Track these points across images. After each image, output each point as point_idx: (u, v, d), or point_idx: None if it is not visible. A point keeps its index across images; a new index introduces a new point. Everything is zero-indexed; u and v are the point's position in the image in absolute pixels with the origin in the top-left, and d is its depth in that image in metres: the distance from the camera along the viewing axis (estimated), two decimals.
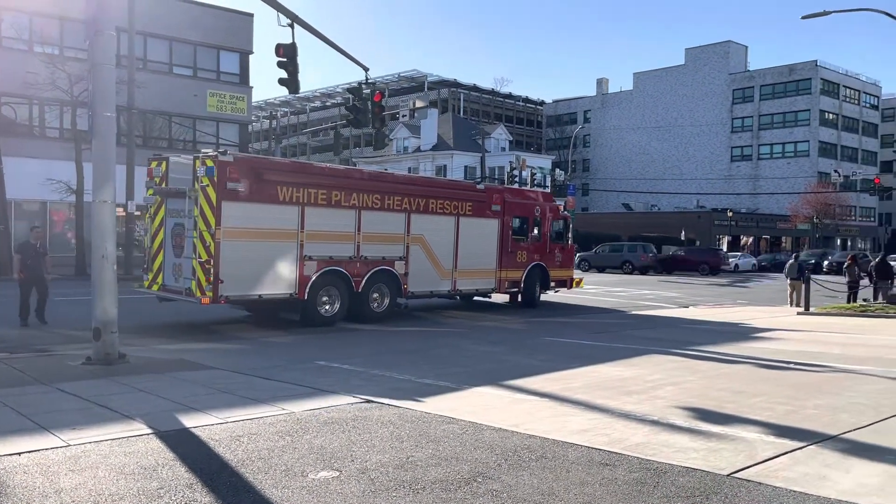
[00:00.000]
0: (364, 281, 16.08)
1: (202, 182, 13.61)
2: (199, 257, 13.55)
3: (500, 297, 21.68)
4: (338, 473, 5.40)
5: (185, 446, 6.09)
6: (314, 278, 15.15)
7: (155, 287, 15.01)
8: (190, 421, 6.90)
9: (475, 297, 20.76)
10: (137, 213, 31.57)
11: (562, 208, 23.04)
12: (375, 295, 16.56)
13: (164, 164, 15.03)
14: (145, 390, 8.32)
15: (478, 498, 4.92)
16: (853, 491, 5.10)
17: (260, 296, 14.46)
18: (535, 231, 20.87)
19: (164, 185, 14.83)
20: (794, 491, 5.09)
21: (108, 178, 10.12)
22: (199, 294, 13.57)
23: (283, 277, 14.70)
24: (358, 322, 15.96)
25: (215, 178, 13.51)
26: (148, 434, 6.42)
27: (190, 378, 9.17)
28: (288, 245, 14.75)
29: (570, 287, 22.71)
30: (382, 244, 16.54)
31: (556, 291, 22.53)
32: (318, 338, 13.90)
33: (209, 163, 13.57)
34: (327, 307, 15.69)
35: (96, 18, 10.07)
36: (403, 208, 17.00)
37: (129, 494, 4.91)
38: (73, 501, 4.77)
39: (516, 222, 20.18)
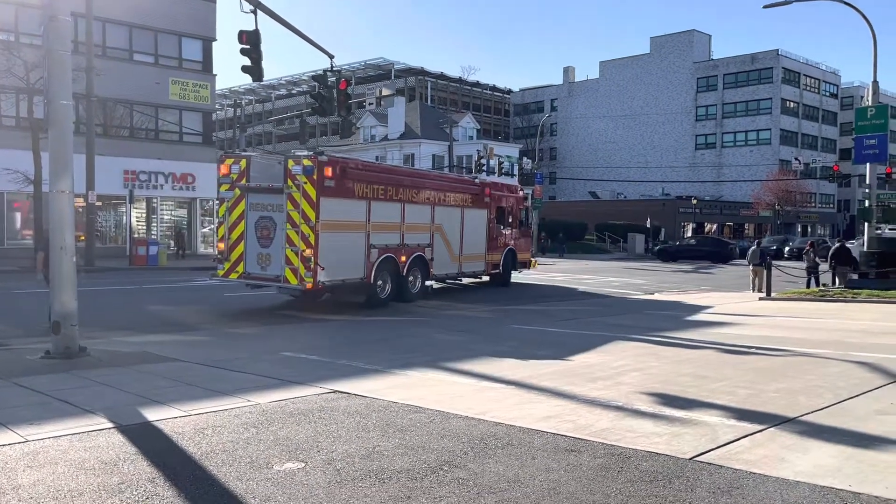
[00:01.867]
0: (407, 266, 18.20)
1: (299, 180, 15.24)
2: (298, 248, 15.17)
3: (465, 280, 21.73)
4: (303, 465, 5.37)
5: (147, 440, 6.00)
6: (377, 264, 17.09)
7: (234, 275, 16.27)
8: (152, 414, 6.80)
9: (460, 280, 22.25)
10: (99, 203, 31.03)
11: (525, 198, 25.42)
12: (411, 278, 18.55)
13: (242, 162, 16.26)
14: (107, 384, 8.17)
15: (444, 486, 4.93)
16: (810, 472, 5.22)
17: (343, 280, 16.29)
18: (510, 219, 23.60)
19: (244, 182, 16.06)
20: (754, 473, 5.19)
21: (65, 167, 9.88)
22: (295, 281, 15.29)
23: (357, 264, 16.65)
24: (400, 301, 17.89)
25: (314, 177, 15.19)
26: (109, 428, 6.31)
27: (153, 371, 9.04)
28: (360, 235, 16.75)
29: (529, 268, 25.63)
30: (417, 233, 18.77)
31: (520, 272, 24.98)
32: (284, 329, 13.81)
33: (307, 162, 15.27)
34: (382, 290, 17.58)
35: (50, 3, 9.80)
36: (430, 201, 19.30)
37: (88, 490, 4.83)
38: (32, 498, 4.68)
39: (498, 212, 22.75)
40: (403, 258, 18.02)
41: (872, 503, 4.64)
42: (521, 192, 25.22)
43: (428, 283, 19.44)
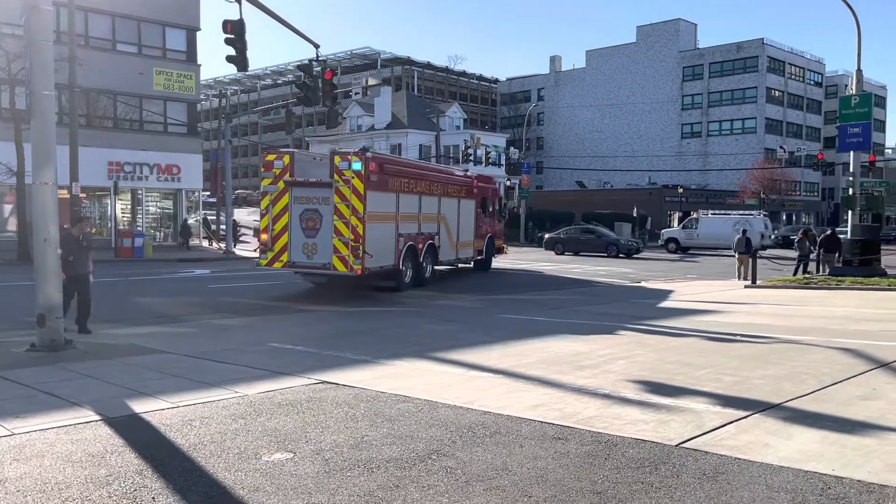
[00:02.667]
0: (423, 253, 19.69)
1: (346, 175, 16.36)
2: (347, 238, 16.32)
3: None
4: (292, 455, 5.38)
5: (134, 432, 5.99)
6: (403, 251, 18.49)
7: (278, 264, 17.27)
8: (140, 406, 6.78)
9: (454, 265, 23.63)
10: (83, 194, 30.74)
11: (498, 188, 28.22)
12: (425, 264, 19.97)
13: (285, 158, 17.21)
14: (93, 376, 8.14)
15: (432, 475, 4.96)
16: (794, 457, 5.28)
17: (381, 267, 17.49)
18: (490, 208, 25.51)
19: (289, 177, 16.99)
20: (739, 458, 5.25)
21: (48, 159, 9.79)
22: (344, 269, 16.45)
23: (391, 252, 17.96)
24: (417, 287, 19.20)
25: (362, 172, 16.33)
26: (96, 421, 6.29)
27: (140, 363, 9.00)
28: (392, 226, 18.05)
29: (503, 253, 27.81)
30: (429, 223, 20.26)
31: (495, 258, 26.95)
32: (271, 320, 13.78)
33: (355, 158, 16.45)
34: (405, 275, 18.92)
35: None
36: (438, 193, 20.71)
37: (76, 482, 4.81)
38: (19, 491, 4.66)
39: (482, 202, 24.56)
40: (420, 245, 19.59)
41: (855, 487, 4.70)
42: (496, 183, 27.59)
43: (437, 268, 21.09)
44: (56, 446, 5.56)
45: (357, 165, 16.36)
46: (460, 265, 23.95)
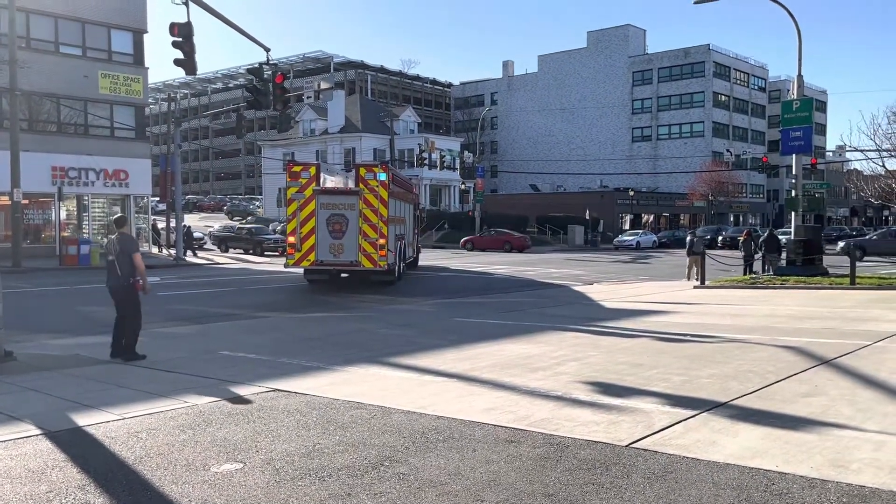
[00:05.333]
0: (402, 250, 22.74)
1: (371, 184, 19.14)
2: (373, 239, 19.03)
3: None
4: (241, 465, 5.29)
5: (77, 446, 5.81)
6: (397, 250, 21.41)
7: (305, 263, 19.62)
8: (83, 419, 6.59)
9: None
10: (25, 201, 29.82)
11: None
12: (401, 262, 22.79)
13: (311, 168, 19.77)
14: (34, 389, 7.89)
15: (384, 482, 4.93)
16: (739, 454, 5.40)
17: (389, 263, 19.95)
18: (417, 213, 29.75)
19: (315, 185, 19.39)
20: (687, 457, 5.35)
21: None
22: (370, 265, 19.24)
23: (394, 250, 20.73)
24: (398, 280, 22.01)
25: (387, 182, 19.26)
26: (37, 435, 6.09)
27: (84, 374, 8.76)
28: (394, 227, 20.57)
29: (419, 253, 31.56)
30: (403, 225, 23.32)
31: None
32: (222, 327, 13.56)
33: (379, 170, 19.45)
34: (398, 269, 21.86)
35: None
36: (404, 199, 23.74)
37: (14, 499, 4.65)
38: None
39: (416, 207, 28.82)
40: (401, 244, 22.56)
41: (798, 482, 4.83)
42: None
43: (402, 265, 23.52)
44: None
45: (382, 176, 19.23)
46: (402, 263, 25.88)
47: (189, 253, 37.08)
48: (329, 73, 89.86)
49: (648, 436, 5.90)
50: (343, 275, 21.10)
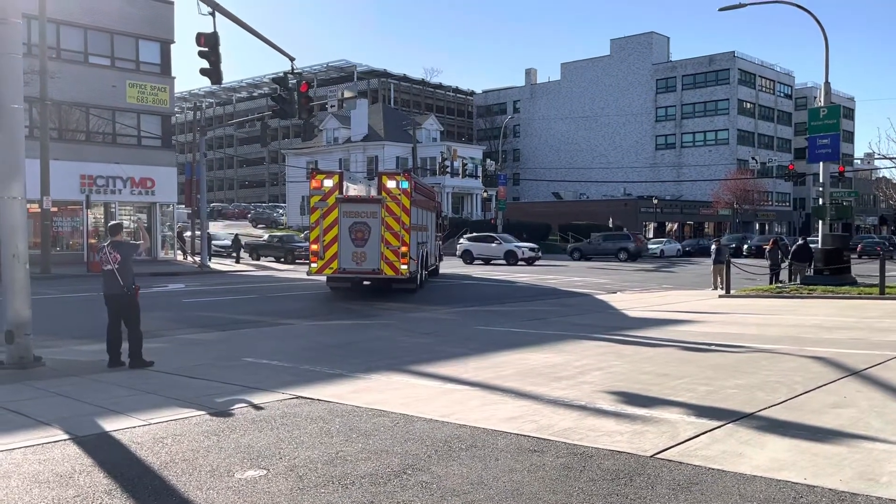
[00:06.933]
0: (423, 259, 22.86)
1: (394, 192, 19.21)
2: (396, 246, 19.15)
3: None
4: (265, 472, 5.31)
5: (104, 451, 5.88)
6: (419, 258, 21.64)
7: (328, 271, 19.61)
8: (110, 424, 6.67)
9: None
10: (54, 209, 30.32)
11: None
12: (423, 269, 23.06)
13: (335, 177, 19.75)
14: (62, 394, 7.99)
15: (407, 490, 4.92)
16: (767, 466, 5.32)
17: (412, 271, 20.08)
18: (439, 221, 29.95)
19: (338, 193, 19.39)
20: (713, 468, 5.28)
21: (16, 173, 9.65)
22: (392, 272, 19.29)
23: (416, 258, 20.79)
24: (419, 288, 22.03)
25: (409, 190, 19.34)
26: (64, 440, 6.17)
27: (111, 380, 8.86)
28: (416, 235, 20.66)
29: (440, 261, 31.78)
30: (424, 233, 23.23)
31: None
32: (245, 335, 13.66)
33: (402, 178, 19.56)
34: (420, 277, 22.03)
35: (1, 7, 9.55)
36: (425, 207, 23.73)
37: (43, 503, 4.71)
38: None
39: (437, 215, 29.11)
40: (423, 252, 22.69)
41: (827, 496, 4.74)
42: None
43: (424, 272, 23.78)
44: (23, 467, 5.45)
45: (405, 184, 19.35)
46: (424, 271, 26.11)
47: (211, 259, 37.44)
48: (352, 81, 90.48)
49: (673, 446, 5.84)
50: (365, 283, 20.91)
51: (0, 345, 9.91)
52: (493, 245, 42.98)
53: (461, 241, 45.39)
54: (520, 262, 40.98)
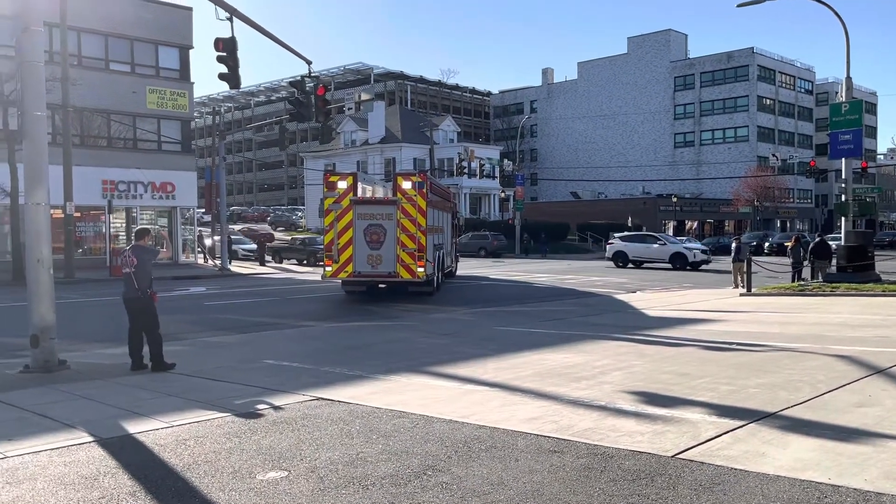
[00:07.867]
0: (440, 260, 22.27)
1: (409, 193, 18.78)
2: (412, 249, 18.73)
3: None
4: (286, 473, 5.35)
5: (128, 453, 5.95)
6: (435, 260, 21.04)
7: (343, 275, 19.18)
8: (134, 427, 6.74)
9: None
10: (77, 214, 30.70)
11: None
12: (439, 272, 22.42)
13: (349, 178, 19.26)
14: (87, 397, 8.10)
15: (427, 491, 4.93)
16: (790, 466, 5.27)
17: (428, 274, 19.64)
18: (455, 222, 29.63)
19: (353, 195, 19.02)
20: (735, 469, 5.24)
21: (40, 179, 9.79)
22: (408, 276, 18.85)
23: (433, 260, 20.30)
24: (436, 291, 21.47)
25: (424, 191, 18.88)
26: (89, 442, 6.25)
27: (133, 382, 8.96)
28: (432, 237, 20.22)
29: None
30: (441, 234, 22.81)
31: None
32: (265, 337, 13.75)
33: (417, 179, 19.12)
34: (437, 280, 21.55)
35: (23, 14, 9.71)
36: (441, 208, 23.31)
37: None
38: None
39: (453, 216, 28.74)
40: (439, 254, 22.20)
41: (851, 496, 4.69)
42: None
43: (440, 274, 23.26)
44: (49, 469, 5.53)
45: (420, 185, 19.04)
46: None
47: (232, 263, 37.66)
48: (369, 84, 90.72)
49: (695, 446, 5.80)
50: (381, 286, 20.65)
51: (25, 349, 10.07)
52: (655, 246, 37.14)
53: (612, 240, 39.40)
54: (687, 268, 34.97)
